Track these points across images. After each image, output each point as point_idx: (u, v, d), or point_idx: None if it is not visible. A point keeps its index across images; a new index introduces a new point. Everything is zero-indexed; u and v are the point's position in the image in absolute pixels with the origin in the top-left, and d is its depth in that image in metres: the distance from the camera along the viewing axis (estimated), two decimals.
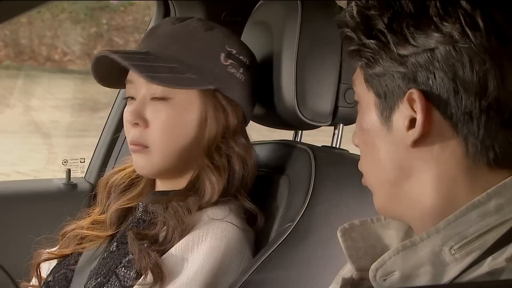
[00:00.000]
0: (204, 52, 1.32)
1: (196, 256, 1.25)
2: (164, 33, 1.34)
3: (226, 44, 1.34)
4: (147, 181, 1.41)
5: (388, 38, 0.81)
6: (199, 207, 1.29)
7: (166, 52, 1.31)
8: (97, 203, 1.45)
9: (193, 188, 1.32)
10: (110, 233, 1.38)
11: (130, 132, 1.33)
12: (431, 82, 0.80)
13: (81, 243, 1.40)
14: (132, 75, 1.33)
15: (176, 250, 1.26)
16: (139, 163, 1.33)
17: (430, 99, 0.80)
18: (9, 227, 1.85)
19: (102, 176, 1.48)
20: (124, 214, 1.40)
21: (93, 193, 1.50)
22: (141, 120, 1.30)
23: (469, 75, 0.78)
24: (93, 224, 1.41)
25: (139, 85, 1.32)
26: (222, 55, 1.33)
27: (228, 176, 1.32)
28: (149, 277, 1.23)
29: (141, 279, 1.24)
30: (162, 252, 1.26)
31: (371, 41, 0.82)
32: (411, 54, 0.80)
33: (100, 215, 1.42)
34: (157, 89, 1.30)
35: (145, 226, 1.32)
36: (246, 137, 1.37)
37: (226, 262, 1.26)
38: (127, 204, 1.39)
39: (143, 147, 1.31)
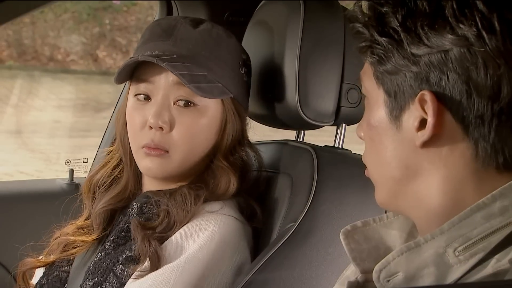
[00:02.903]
0: (228, 60, 1.33)
1: (190, 246, 1.25)
2: (190, 38, 1.31)
3: (241, 52, 1.37)
4: (129, 176, 1.39)
5: (402, 36, 0.80)
6: (205, 199, 1.30)
7: (196, 58, 1.29)
8: (84, 208, 1.43)
9: (201, 180, 1.33)
10: (96, 235, 1.37)
11: (145, 134, 1.30)
12: (443, 83, 0.79)
13: (66, 250, 1.39)
14: (153, 75, 1.30)
15: (173, 240, 1.27)
16: (153, 167, 1.30)
17: (442, 100, 0.79)
18: (12, 227, 1.85)
19: None
20: (111, 215, 1.39)
21: (79, 197, 1.48)
22: (167, 124, 1.28)
23: (483, 78, 0.77)
24: (78, 229, 1.40)
25: (159, 86, 1.30)
26: (240, 63, 1.35)
27: (241, 175, 1.35)
28: (146, 264, 1.24)
29: (138, 265, 1.25)
30: (162, 240, 1.27)
31: (383, 38, 0.81)
32: (425, 54, 0.79)
33: (85, 220, 1.41)
34: (183, 94, 1.29)
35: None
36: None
37: (219, 252, 1.26)
38: (111, 204, 1.38)
39: (162, 151, 1.29)
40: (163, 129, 1.28)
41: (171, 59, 1.27)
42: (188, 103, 1.29)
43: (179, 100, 1.29)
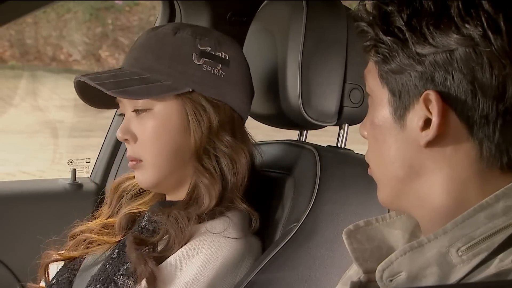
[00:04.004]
0: (174, 56, 1.31)
1: (190, 268, 1.25)
2: (137, 45, 1.35)
3: (198, 44, 1.32)
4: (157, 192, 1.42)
5: (407, 35, 0.80)
6: (199, 217, 1.29)
7: (139, 64, 1.31)
8: (106, 204, 1.45)
9: (193, 197, 1.32)
10: (118, 238, 1.38)
11: (127, 148, 1.35)
12: (448, 83, 0.79)
13: (89, 247, 1.40)
14: None
15: (172, 259, 1.26)
16: (139, 178, 1.35)
17: (447, 100, 0.79)
18: (14, 227, 1.85)
19: (107, 176, 1.48)
20: (133, 220, 1.40)
21: (100, 196, 1.49)
22: (129, 135, 1.32)
23: (488, 78, 0.77)
24: (103, 228, 1.41)
25: (125, 102, 1.33)
26: (195, 55, 1.31)
27: (221, 178, 1.31)
28: (143, 284, 1.23)
29: (136, 285, 1.24)
30: (160, 260, 1.26)
31: (388, 37, 0.81)
32: (430, 53, 0.79)
33: (108, 218, 1.42)
34: (138, 102, 1.31)
35: (147, 235, 1.32)
36: (236, 134, 1.34)
37: (220, 276, 1.25)
38: (136, 209, 1.40)
39: (137, 161, 1.32)
40: (130, 141, 1.33)
41: (105, 72, 1.32)
42: (144, 110, 1.31)
43: (137, 110, 1.32)
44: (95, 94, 1.33)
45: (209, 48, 1.32)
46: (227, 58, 1.33)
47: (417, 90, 0.81)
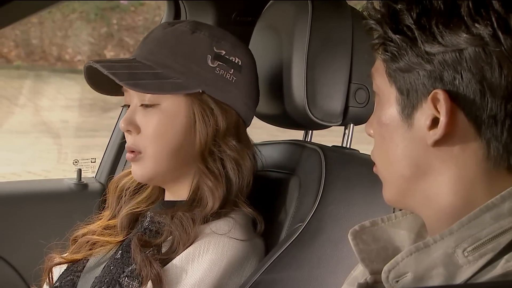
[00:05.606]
0: (189, 55, 1.31)
1: (196, 269, 1.25)
2: (153, 39, 1.34)
3: (214, 46, 1.32)
4: (154, 185, 1.42)
5: (416, 34, 0.79)
6: (204, 218, 1.29)
7: (153, 58, 1.31)
8: (107, 206, 1.45)
9: (196, 198, 1.32)
10: (120, 238, 1.38)
11: (126, 139, 1.35)
12: (457, 83, 0.78)
13: (91, 249, 1.40)
14: None
15: (177, 261, 1.26)
16: (136, 171, 1.34)
17: (455, 100, 0.79)
18: (19, 227, 1.85)
19: (113, 176, 1.48)
20: (135, 219, 1.40)
21: (102, 197, 1.49)
22: (133, 127, 1.32)
23: (498, 79, 0.77)
24: (104, 229, 1.41)
25: (132, 93, 1.33)
26: (209, 57, 1.31)
27: (226, 181, 1.31)
28: (149, 286, 1.23)
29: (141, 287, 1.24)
30: (165, 261, 1.26)
31: (397, 36, 0.81)
32: (439, 52, 0.78)
33: (111, 219, 1.42)
34: (146, 96, 1.31)
35: (151, 236, 1.32)
36: (241, 139, 1.35)
37: (226, 277, 1.26)
38: (137, 208, 1.40)
39: (137, 153, 1.32)
40: (132, 132, 1.32)
41: (118, 61, 1.31)
42: (151, 105, 1.31)
43: (144, 104, 1.32)
44: (102, 79, 1.32)
45: (224, 52, 1.33)
46: (239, 63, 1.34)
47: (426, 89, 0.80)
